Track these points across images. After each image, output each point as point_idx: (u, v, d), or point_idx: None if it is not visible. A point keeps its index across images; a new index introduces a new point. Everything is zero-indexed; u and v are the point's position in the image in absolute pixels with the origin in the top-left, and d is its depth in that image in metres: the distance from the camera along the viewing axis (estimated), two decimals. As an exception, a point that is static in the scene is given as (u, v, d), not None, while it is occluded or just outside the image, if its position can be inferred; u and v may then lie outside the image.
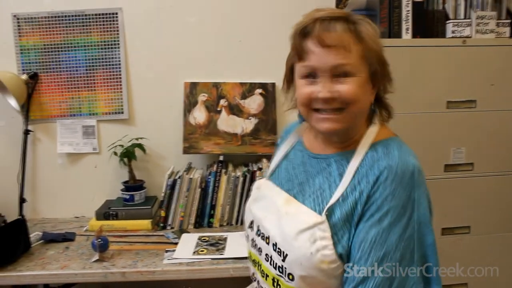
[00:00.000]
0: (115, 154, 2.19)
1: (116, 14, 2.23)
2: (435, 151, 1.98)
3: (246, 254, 1.19)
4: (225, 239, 1.91)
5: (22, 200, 2.21)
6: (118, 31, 2.24)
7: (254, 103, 2.26)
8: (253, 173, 2.13)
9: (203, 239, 1.92)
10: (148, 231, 2.06)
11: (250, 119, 2.26)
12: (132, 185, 2.19)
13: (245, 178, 2.11)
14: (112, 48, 2.25)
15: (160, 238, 1.98)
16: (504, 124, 2.01)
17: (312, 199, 1.00)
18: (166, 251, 1.81)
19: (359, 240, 0.90)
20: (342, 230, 0.92)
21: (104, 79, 2.27)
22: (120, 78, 2.27)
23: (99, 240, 1.74)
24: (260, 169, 2.13)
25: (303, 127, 1.18)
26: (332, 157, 1.03)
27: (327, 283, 0.93)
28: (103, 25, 2.23)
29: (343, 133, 1.00)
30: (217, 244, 1.86)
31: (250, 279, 1.20)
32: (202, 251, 1.79)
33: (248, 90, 2.26)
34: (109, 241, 1.79)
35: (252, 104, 2.26)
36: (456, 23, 1.99)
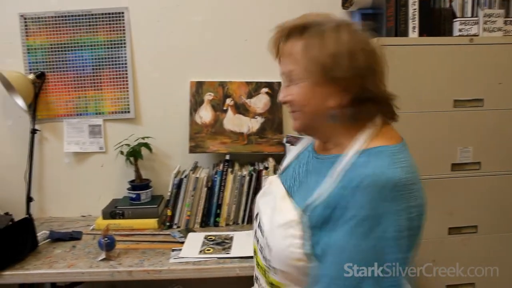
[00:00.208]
0: (122, 153, 2.19)
1: (123, 13, 2.23)
2: (441, 150, 1.97)
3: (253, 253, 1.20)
4: (231, 238, 1.91)
5: (29, 199, 2.22)
6: (124, 30, 2.24)
7: (260, 102, 2.26)
8: (259, 172, 2.13)
9: (209, 238, 1.92)
10: (155, 230, 2.07)
11: (256, 118, 2.26)
12: (139, 184, 2.19)
13: (251, 177, 2.11)
14: (118, 48, 2.26)
15: (167, 237, 1.98)
16: (512, 123, 2.00)
17: (301, 197, 1.02)
18: (173, 250, 1.81)
19: (324, 242, 0.91)
20: (314, 231, 0.93)
21: (110, 79, 2.27)
22: (127, 78, 2.28)
23: (106, 239, 1.74)
24: (266, 168, 2.13)
25: None
26: (328, 158, 1.03)
27: (303, 280, 0.95)
28: (110, 24, 2.24)
29: (313, 133, 1.07)
30: (223, 243, 1.86)
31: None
32: (208, 250, 1.80)
33: (254, 89, 2.26)
34: (115, 240, 1.79)
35: (258, 103, 2.26)
36: (463, 21, 1.97)
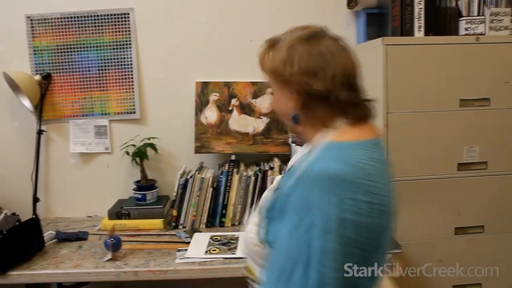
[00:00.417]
0: (127, 153, 2.20)
1: (128, 14, 2.24)
2: (448, 150, 1.96)
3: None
4: (237, 239, 1.91)
5: (35, 199, 2.23)
6: (129, 31, 2.25)
7: (266, 102, 2.25)
8: (264, 172, 2.13)
9: (215, 239, 1.92)
10: (160, 230, 2.07)
11: (262, 119, 2.26)
12: (144, 184, 2.20)
13: (256, 177, 2.11)
14: (124, 48, 2.26)
15: (172, 237, 1.98)
16: (519, 122, 1.98)
17: None
18: (178, 251, 1.81)
19: (275, 231, 0.96)
20: (270, 220, 0.99)
21: (116, 79, 2.28)
22: (132, 78, 2.28)
23: (112, 239, 1.75)
24: (271, 168, 2.13)
25: None
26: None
27: (263, 264, 1.01)
28: (115, 25, 2.24)
29: (295, 134, 1.16)
30: (229, 244, 1.86)
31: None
32: (214, 250, 1.80)
33: (259, 89, 2.26)
34: (121, 240, 1.80)
35: (263, 103, 2.26)
36: (469, 20, 1.96)
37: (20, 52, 2.25)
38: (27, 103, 2.15)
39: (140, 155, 2.18)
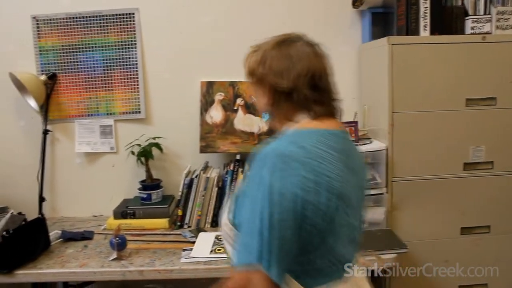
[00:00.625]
0: (133, 153, 2.20)
1: (133, 14, 2.24)
2: (454, 149, 1.95)
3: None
4: (242, 238, 1.91)
5: (41, 199, 2.24)
6: (134, 31, 2.25)
7: (270, 102, 2.25)
8: (269, 172, 2.12)
9: (220, 238, 1.92)
10: (165, 230, 2.07)
11: (267, 118, 2.25)
12: (149, 184, 2.20)
13: (261, 177, 2.10)
14: (129, 48, 2.27)
15: (177, 237, 1.98)
16: (525, 122, 1.97)
17: None
18: (184, 250, 1.81)
19: (237, 213, 1.06)
20: (238, 201, 1.07)
21: (121, 79, 2.29)
22: (137, 78, 2.28)
23: (117, 238, 1.75)
24: (276, 168, 2.12)
25: None
26: None
27: (234, 246, 1.06)
28: (120, 25, 2.25)
29: (271, 127, 1.23)
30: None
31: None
32: (219, 250, 1.80)
33: (264, 89, 2.25)
34: (127, 239, 1.80)
35: (268, 103, 2.25)
36: (475, 19, 1.96)
37: (26, 53, 2.26)
38: (33, 103, 2.16)
39: (145, 154, 2.18)
